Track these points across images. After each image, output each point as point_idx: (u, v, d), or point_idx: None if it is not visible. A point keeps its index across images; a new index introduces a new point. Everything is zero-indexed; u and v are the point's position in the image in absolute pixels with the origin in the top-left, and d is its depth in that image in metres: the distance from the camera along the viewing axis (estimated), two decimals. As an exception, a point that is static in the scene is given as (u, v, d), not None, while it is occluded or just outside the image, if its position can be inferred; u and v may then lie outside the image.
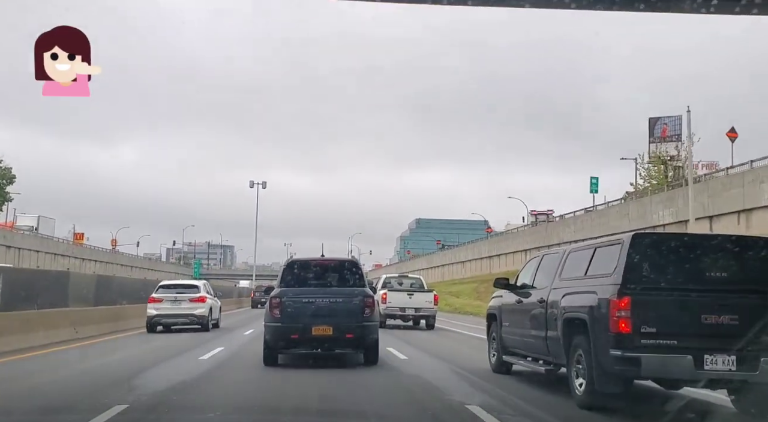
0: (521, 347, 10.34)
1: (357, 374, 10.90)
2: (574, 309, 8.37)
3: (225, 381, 10.37)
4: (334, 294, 12.24)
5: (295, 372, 11.38)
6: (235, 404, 8.21)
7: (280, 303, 12.03)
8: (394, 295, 25.40)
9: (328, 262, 13.44)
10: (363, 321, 12.12)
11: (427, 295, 25.73)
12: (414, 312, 25.30)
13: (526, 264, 11.03)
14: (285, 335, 11.93)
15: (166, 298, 22.34)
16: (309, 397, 8.81)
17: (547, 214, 72.72)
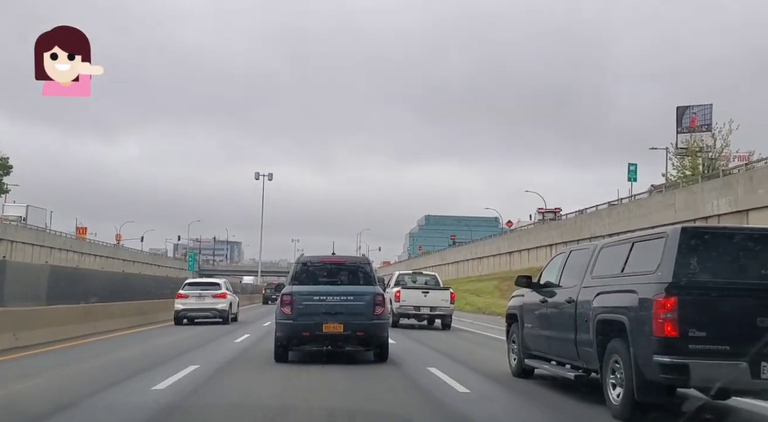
0: (546, 350, 9.71)
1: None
2: (609, 310, 7.67)
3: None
4: (345, 292, 12.47)
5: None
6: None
7: (292, 301, 12.30)
8: (408, 293, 24.21)
9: (339, 261, 13.81)
10: (373, 319, 12.33)
11: (443, 293, 24.44)
12: (429, 312, 24.07)
13: (550, 261, 10.42)
14: (296, 332, 12.19)
15: (192, 294, 25.18)
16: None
17: (554, 212, 71.13)
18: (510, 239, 65.53)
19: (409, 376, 10.78)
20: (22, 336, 14.44)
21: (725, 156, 44.36)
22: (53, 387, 9.39)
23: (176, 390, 8.88)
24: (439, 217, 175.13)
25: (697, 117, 54.45)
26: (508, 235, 67.80)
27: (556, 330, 9.16)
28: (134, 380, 9.87)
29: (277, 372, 10.90)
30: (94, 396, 8.48)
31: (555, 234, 53.05)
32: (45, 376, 10.24)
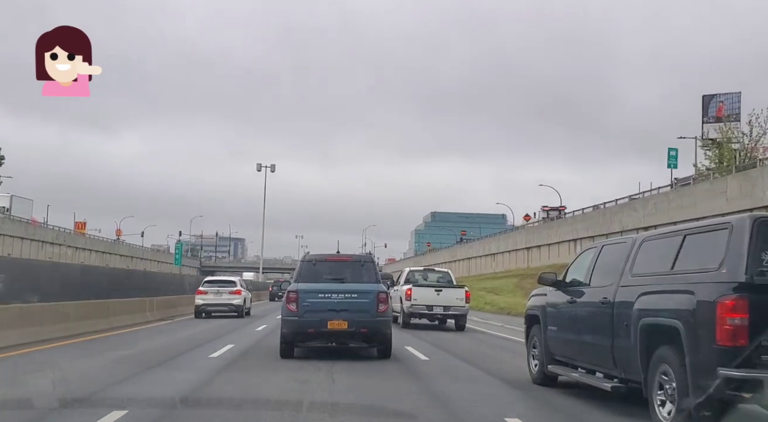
0: (573, 356, 8.79)
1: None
2: (657, 313, 6.81)
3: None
4: (349, 290, 12.68)
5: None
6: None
7: (297, 298, 12.48)
8: (420, 291, 22.81)
9: (343, 259, 14.08)
10: (377, 316, 12.52)
11: (457, 292, 23.16)
12: (442, 311, 22.72)
13: (578, 257, 9.44)
14: (301, 329, 12.43)
15: (210, 291, 27.72)
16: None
17: (559, 210, 69.13)
18: (528, 234, 61.07)
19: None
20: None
21: (764, 145, 40.14)
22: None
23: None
24: (445, 214, 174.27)
25: (725, 106, 51.67)
26: (526, 230, 63.43)
27: (587, 334, 8.26)
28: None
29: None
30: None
31: (580, 228, 48.54)
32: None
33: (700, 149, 47.09)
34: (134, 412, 6.96)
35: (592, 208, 51.28)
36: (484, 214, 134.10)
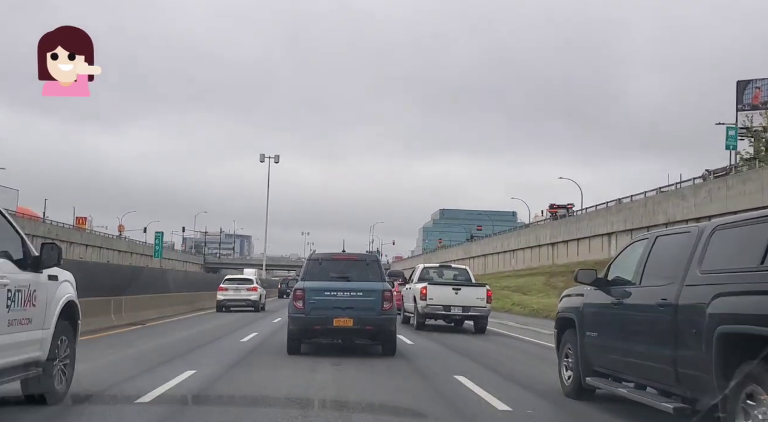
0: (618, 368, 7.53)
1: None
2: (741, 320, 5.45)
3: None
4: (354, 288, 12.98)
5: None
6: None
7: (304, 296, 12.88)
8: (437, 290, 20.33)
9: (348, 257, 14.68)
10: (382, 314, 12.83)
11: (477, 291, 20.66)
12: (461, 312, 20.32)
13: (623, 252, 8.16)
14: (308, 326, 12.83)
15: (230, 287, 30.80)
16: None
17: (567, 208, 66.86)
18: (554, 228, 56.00)
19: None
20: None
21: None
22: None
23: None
24: (454, 211, 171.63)
25: (762, 92, 48.64)
26: (551, 224, 57.65)
27: (639, 343, 6.93)
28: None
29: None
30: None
31: (616, 221, 43.31)
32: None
33: (736, 136, 42.43)
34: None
35: (630, 199, 45.66)
36: (494, 211, 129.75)
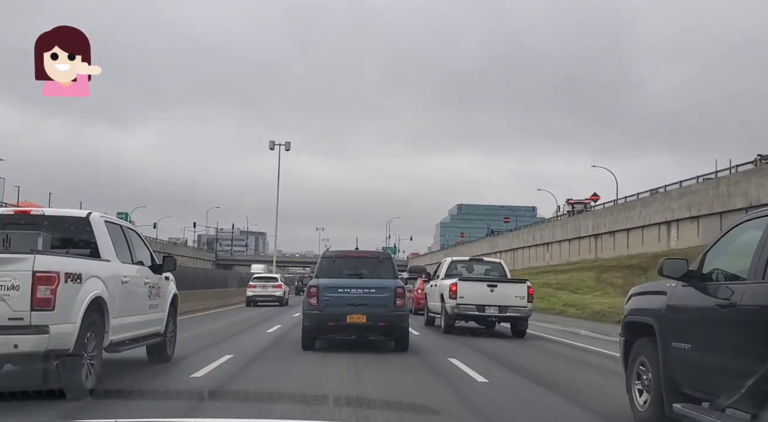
0: (725, 392, 5.46)
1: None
2: None
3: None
4: (367, 285, 13.25)
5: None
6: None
7: (318, 293, 13.15)
8: (469, 287, 17.74)
9: (361, 255, 15.08)
10: (395, 310, 13.08)
11: (517, 288, 17.97)
12: (497, 312, 17.59)
13: (724, 236, 6.27)
14: (322, 322, 13.10)
15: (258, 285, 35.46)
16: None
17: (584, 204, 63.20)
18: (597, 217, 49.48)
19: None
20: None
21: None
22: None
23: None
24: (472, 206, 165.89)
25: None
26: (594, 213, 50.67)
27: (761, 360, 5.07)
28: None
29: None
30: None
31: (678, 208, 37.53)
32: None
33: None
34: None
35: (696, 180, 38.64)
36: (513, 206, 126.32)
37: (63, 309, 7.00)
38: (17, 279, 6.75)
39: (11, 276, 6.74)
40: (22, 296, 6.74)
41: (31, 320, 6.76)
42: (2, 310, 6.70)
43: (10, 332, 6.71)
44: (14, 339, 6.71)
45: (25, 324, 6.74)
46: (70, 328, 7.12)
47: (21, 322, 6.75)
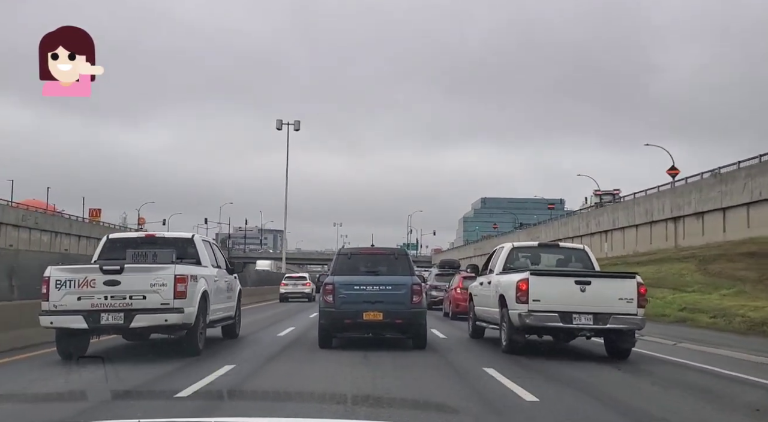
0: None
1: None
2: None
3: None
4: (383, 282, 13.13)
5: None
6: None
7: (334, 290, 13.10)
8: (549, 285, 12.33)
9: (377, 252, 14.82)
10: (411, 308, 12.92)
11: (621, 286, 12.28)
12: (591, 323, 12.03)
13: None
14: (339, 320, 13.05)
15: (290, 283, 40.47)
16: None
17: (613, 195, 59.98)
18: (677, 196, 38.13)
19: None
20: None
21: None
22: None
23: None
24: (497, 200, 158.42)
25: None
26: (673, 192, 40.37)
27: None
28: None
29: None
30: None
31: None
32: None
33: None
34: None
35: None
36: (539, 199, 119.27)
37: (190, 298, 11.02)
38: (165, 279, 10.74)
39: (162, 278, 10.73)
40: (168, 290, 10.73)
41: (174, 304, 10.75)
42: (157, 298, 10.69)
43: (163, 312, 10.70)
44: (165, 316, 10.71)
45: (170, 307, 10.72)
46: (193, 310, 11.13)
47: (168, 306, 10.71)
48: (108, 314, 10.56)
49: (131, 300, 10.58)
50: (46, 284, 10.68)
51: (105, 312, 10.56)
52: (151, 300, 10.64)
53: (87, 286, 10.54)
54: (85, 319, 10.52)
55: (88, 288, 10.54)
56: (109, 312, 10.56)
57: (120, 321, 10.59)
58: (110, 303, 10.53)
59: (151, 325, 10.90)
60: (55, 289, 10.61)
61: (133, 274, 10.75)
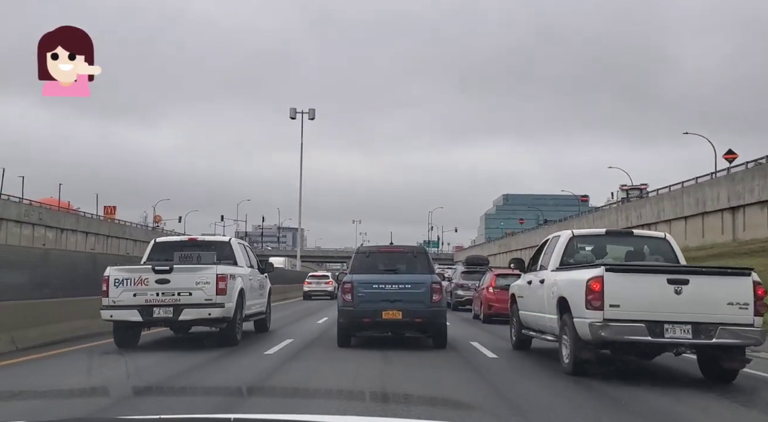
0: None
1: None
2: None
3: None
4: (403, 280, 13.14)
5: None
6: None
7: (352, 289, 13.09)
8: (632, 285, 9.00)
9: (396, 250, 14.71)
10: (431, 306, 12.88)
11: (731, 286, 8.89)
12: (690, 337, 8.80)
13: None
14: (357, 319, 13.05)
15: (313, 281, 42.36)
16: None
17: (640, 189, 57.24)
18: (735, 184, 33.97)
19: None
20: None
21: None
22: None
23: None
24: (519, 196, 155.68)
25: None
26: (731, 178, 35.96)
27: None
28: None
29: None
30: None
31: None
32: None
33: None
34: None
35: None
36: (562, 196, 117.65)
37: (229, 294, 12.34)
38: (208, 278, 12.03)
39: (205, 277, 12.01)
40: (212, 287, 12.01)
41: (216, 300, 12.02)
42: (201, 295, 11.98)
43: (206, 306, 11.98)
44: (209, 310, 12.00)
45: (213, 302, 11.99)
46: (232, 305, 12.45)
47: (211, 301, 11.98)
48: (159, 308, 11.99)
49: (179, 296, 12.01)
50: (106, 282, 12.04)
51: (157, 307, 11.99)
52: (196, 296, 12.08)
53: (141, 284, 11.94)
54: (140, 313, 11.97)
55: (142, 286, 11.94)
56: (160, 307, 11.99)
57: (170, 314, 12.06)
58: (161, 299, 11.99)
59: (196, 318, 12.30)
60: (114, 287, 11.97)
61: (181, 274, 12.14)
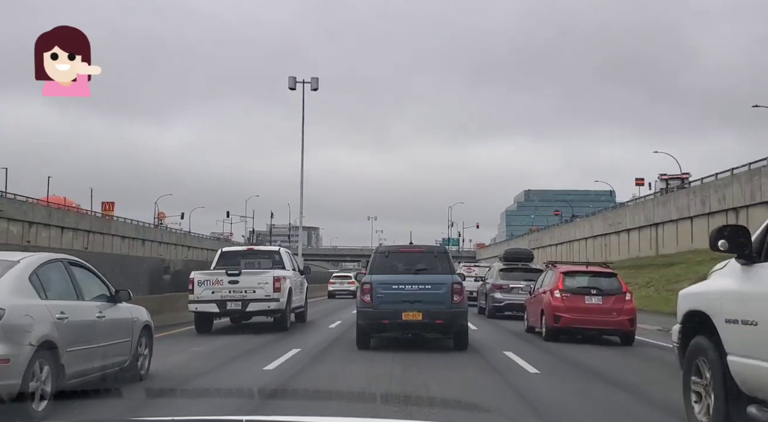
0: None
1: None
2: None
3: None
4: (423, 281, 13.06)
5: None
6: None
7: (371, 290, 12.97)
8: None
9: (415, 250, 14.49)
10: (452, 307, 12.75)
11: None
12: None
13: None
14: (376, 320, 12.95)
15: (337, 281, 46.47)
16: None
17: (682, 179, 52.60)
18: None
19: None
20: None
21: None
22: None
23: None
24: (541, 192, 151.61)
25: None
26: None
27: None
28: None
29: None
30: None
31: None
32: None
33: None
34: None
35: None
36: (585, 191, 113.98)
37: (282, 291, 16.23)
38: (267, 279, 16.04)
39: (265, 278, 15.99)
40: (269, 286, 15.89)
41: (273, 296, 15.89)
42: (262, 292, 15.73)
43: (266, 301, 15.77)
44: (268, 304, 15.89)
45: (271, 298, 15.87)
46: (285, 300, 16.37)
47: (269, 297, 15.86)
48: (231, 302, 16.15)
49: (246, 293, 16.14)
50: (192, 283, 16.29)
51: (229, 301, 16.15)
52: (258, 293, 16.21)
53: (217, 284, 16.14)
54: (217, 306, 16.19)
55: (218, 285, 16.17)
56: (232, 301, 16.13)
57: (239, 307, 16.33)
58: (232, 296, 16.15)
59: (258, 310, 16.56)
60: (198, 286, 16.27)
61: (247, 276, 16.41)
